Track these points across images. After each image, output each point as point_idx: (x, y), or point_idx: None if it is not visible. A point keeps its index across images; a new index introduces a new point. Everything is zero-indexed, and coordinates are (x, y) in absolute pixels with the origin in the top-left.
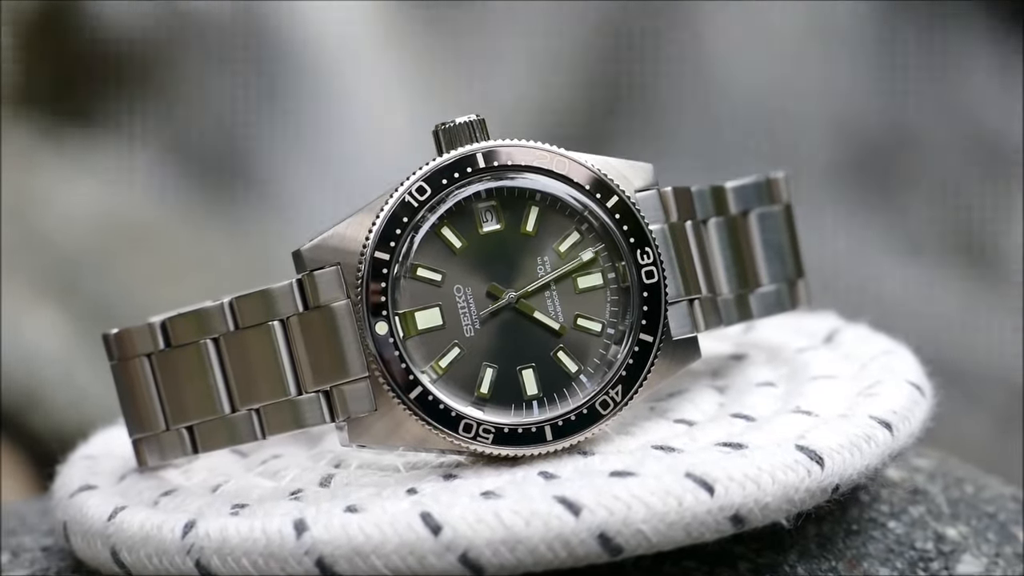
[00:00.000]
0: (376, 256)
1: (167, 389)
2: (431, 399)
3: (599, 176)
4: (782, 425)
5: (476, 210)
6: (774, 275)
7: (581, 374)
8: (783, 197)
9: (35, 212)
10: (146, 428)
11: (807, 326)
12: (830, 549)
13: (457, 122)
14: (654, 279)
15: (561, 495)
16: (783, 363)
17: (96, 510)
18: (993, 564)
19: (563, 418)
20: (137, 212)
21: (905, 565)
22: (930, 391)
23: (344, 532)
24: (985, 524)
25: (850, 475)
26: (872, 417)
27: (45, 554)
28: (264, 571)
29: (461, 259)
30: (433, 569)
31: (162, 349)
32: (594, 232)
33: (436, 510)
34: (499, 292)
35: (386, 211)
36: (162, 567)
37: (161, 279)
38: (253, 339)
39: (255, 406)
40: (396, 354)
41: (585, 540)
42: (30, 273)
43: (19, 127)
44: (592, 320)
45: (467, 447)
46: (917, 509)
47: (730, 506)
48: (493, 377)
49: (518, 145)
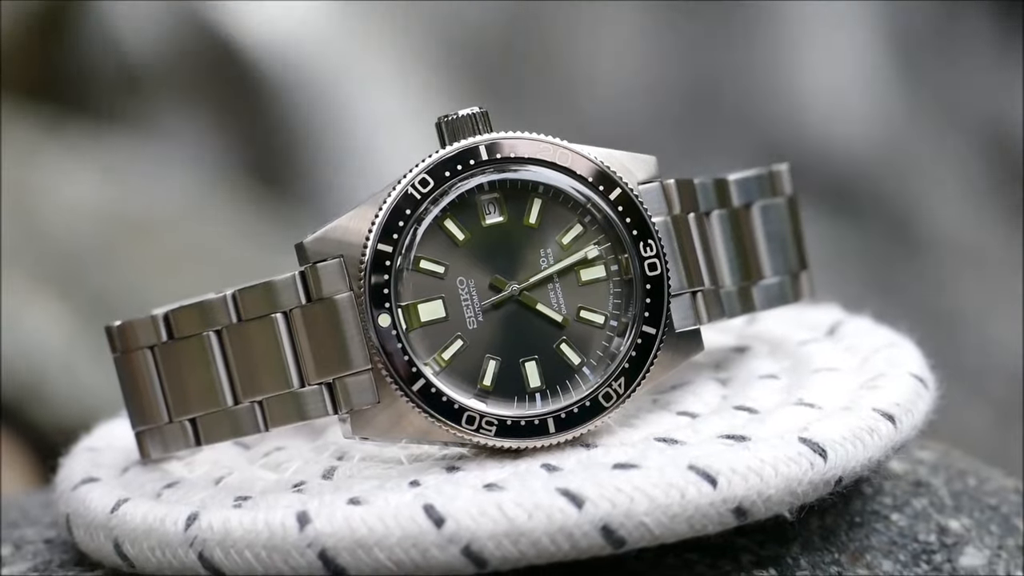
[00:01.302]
0: (379, 248)
1: (170, 381)
2: (434, 391)
3: (602, 168)
4: (785, 417)
5: (479, 202)
6: (777, 267)
7: (584, 366)
8: (786, 189)
9: (37, 205)
10: (149, 420)
11: (810, 318)
12: (833, 541)
13: (460, 114)
14: (657, 271)
15: (564, 487)
16: (786, 355)
17: (99, 502)
18: (996, 556)
19: (566, 410)
20: (139, 205)
21: (908, 557)
22: (933, 383)
23: (347, 524)
24: (988, 516)
25: (853, 467)
26: (875, 409)
27: (48, 547)
28: (267, 564)
29: (464, 251)
30: (436, 562)
31: (165, 341)
32: (597, 224)
33: (439, 502)
34: (502, 284)
35: (389, 203)
36: (165, 560)
37: (163, 272)
38: (256, 331)
39: (258, 398)
40: (399, 346)
41: (588, 532)
42: (32, 266)
43: (21, 121)
44: (595, 312)
45: (470, 439)
46: (920, 501)
47: (733, 498)
48: (496, 369)
49: (521, 137)
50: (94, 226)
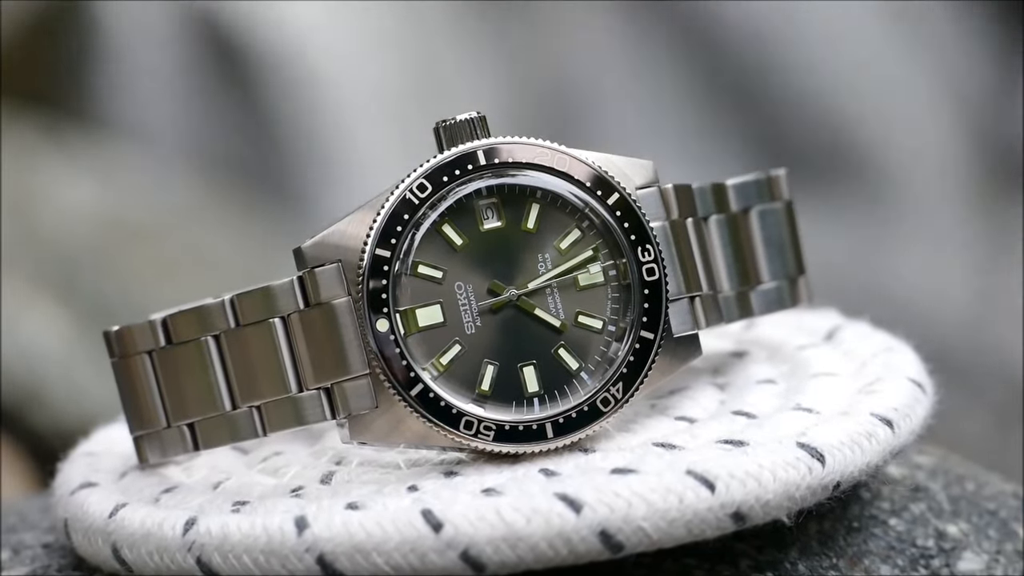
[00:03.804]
0: (377, 253)
1: (168, 386)
2: (432, 396)
3: (600, 173)
4: (783, 422)
5: (477, 207)
6: (775, 272)
7: (582, 371)
8: (784, 194)
9: (35, 209)
10: (147, 425)
11: (808, 323)
12: (831, 546)
13: (458, 119)
14: (655, 276)
15: (562, 492)
16: (784, 360)
17: (97, 507)
18: (994, 561)
19: (564, 415)
20: (137, 210)
21: (906, 562)
22: (931, 388)
23: (345, 529)
24: (986, 521)
25: (851, 472)
26: (873, 414)
27: (46, 551)
28: (265, 568)
29: (462, 256)
30: (434, 566)
31: (163, 346)
32: (595, 229)
33: (437, 507)
34: (500, 289)
35: (387, 208)
36: (163, 564)
37: (161, 277)
38: (254, 336)
39: (256, 403)
40: (397, 351)
41: (586, 537)
42: (30, 270)
43: (20, 124)
44: (593, 317)
45: (468, 444)
46: (918, 506)
47: (731, 503)
48: (494, 374)
49: (519, 142)
50: (93, 230)
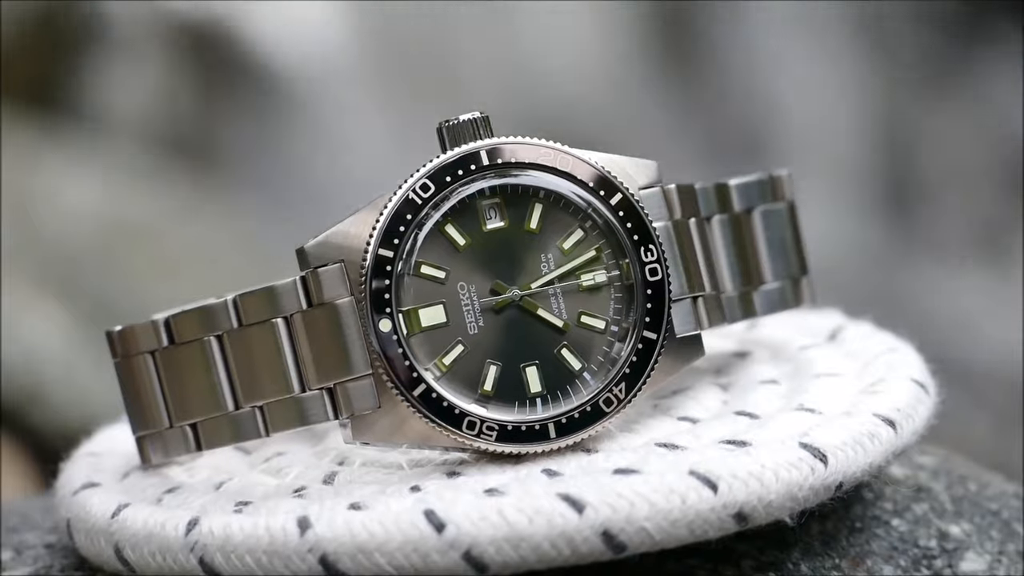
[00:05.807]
0: (380, 253)
1: (171, 386)
2: (435, 396)
3: (603, 173)
4: (786, 423)
5: (480, 207)
6: (778, 272)
7: (584, 371)
8: (786, 194)
9: (36, 209)
10: (150, 425)
11: (811, 324)
12: (834, 547)
13: (461, 119)
14: (658, 276)
15: (565, 492)
16: (787, 361)
17: (99, 507)
18: (996, 562)
19: (566, 415)
20: (138, 210)
21: (908, 563)
22: (934, 388)
23: (348, 530)
24: (988, 522)
25: (854, 473)
26: (876, 415)
27: (48, 551)
28: (267, 569)
29: (465, 256)
30: (437, 567)
31: (166, 346)
32: (598, 229)
33: (440, 507)
34: (503, 289)
35: (390, 208)
36: (165, 564)
37: (163, 276)
38: (257, 336)
39: (259, 403)
40: (400, 351)
41: (589, 538)
42: (31, 270)
43: (20, 125)
44: (596, 317)
45: (470, 444)
46: (920, 507)
47: (734, 504)
48: (497, 374)
49: (522, 142)
50: (94, 230)
